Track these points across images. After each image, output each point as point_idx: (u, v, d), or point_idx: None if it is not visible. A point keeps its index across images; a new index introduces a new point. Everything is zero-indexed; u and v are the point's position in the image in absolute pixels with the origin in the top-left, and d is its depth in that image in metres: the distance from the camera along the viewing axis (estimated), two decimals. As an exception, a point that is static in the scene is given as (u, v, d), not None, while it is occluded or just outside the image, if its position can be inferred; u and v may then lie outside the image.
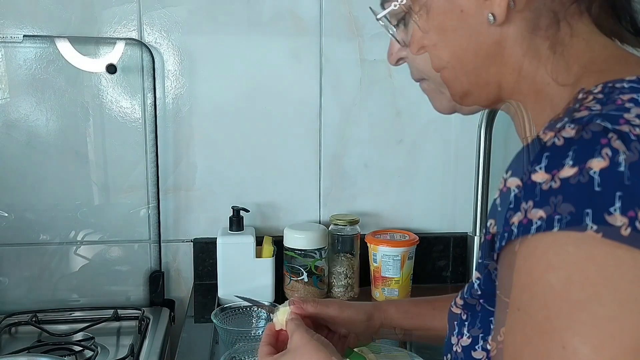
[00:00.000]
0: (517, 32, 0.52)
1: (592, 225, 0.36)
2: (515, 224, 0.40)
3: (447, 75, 0.56)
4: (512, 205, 0.41)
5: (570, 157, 0.39)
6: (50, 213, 1.23)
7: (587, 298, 0.36)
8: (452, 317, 0.57)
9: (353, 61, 1.27)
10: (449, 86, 0.57)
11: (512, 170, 0.43)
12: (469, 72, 0.55)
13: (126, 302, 1.28)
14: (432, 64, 0.56)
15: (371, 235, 1.26)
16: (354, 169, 1.32)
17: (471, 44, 0.53)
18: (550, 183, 0.39)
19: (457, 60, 0.54)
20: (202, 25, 1.22)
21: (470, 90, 0.56)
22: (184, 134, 1.25)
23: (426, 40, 0.55)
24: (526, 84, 0.53)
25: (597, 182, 0.37)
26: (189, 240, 1.29)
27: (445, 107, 0.61)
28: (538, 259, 0.39)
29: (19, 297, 1.24)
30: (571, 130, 0.40)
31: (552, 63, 0.51)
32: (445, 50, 0.54)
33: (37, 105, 1.20)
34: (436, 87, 0.59)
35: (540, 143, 0.41)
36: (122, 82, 1.22)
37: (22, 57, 1.18)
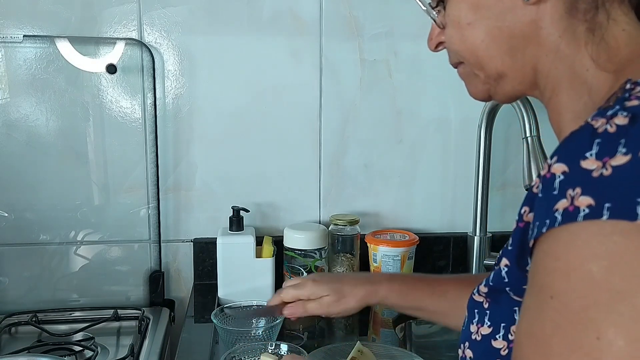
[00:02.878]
0: (553, 12, 0.51)
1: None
2: (559, 210, 0.39)
3: (481, 55, 0.55)
4: (556, 192, 0.40)
5: (623, 145, 0.38)
6: (50, 213, 1.23)
7: (628, 289, 0.35)
8: (474, 304, 0.56)
9: (353, 61, 1.27)
10: (484, 67, 0.56)
11: (558, 156, 0.41)
12: (504, 53, 0.54)
13: (126, 302, 1.28)
14: (466, 43, 0.56)
15: (371, 235, 1.26)
16: (354, 169, 1.32)
17: (506, 23, 0.52)
18: (602, 170, 0.38)
19: (492, 40, 0.54)
20: (202, 25, 1.22)
21: (505, 72, 0.55)
22: (184, 134, 1.25)
23: (462, 18, 0.55)
24: (563, 67, 0.52)
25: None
26: (189, 240, 1.29)
27: (481, 91, 0.60)
28: (580, 247, 0.38)
29: (19, 297, 1.24)
30: (624, 118, 0.39)
31: (591, 47, 0.50)
32: (480, 29, 0.54)
33: (37, 105, 1.20)
34: (471, 69, 0.58)
35: (590, 129, 0.40)
36: (122, 82, 1.22)
37: (22, 57, 1.18)
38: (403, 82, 1.29)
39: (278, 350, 0.91)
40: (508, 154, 1.34)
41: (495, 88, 0.58)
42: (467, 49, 0.56)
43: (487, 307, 0.54)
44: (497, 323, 0.53)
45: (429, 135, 1.32)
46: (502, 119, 1.25)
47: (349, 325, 1.16)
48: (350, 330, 1.15)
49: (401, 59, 1.28)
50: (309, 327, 1.13)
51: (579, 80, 0.52)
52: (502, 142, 1.32)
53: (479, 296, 0.56)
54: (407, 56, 1.28)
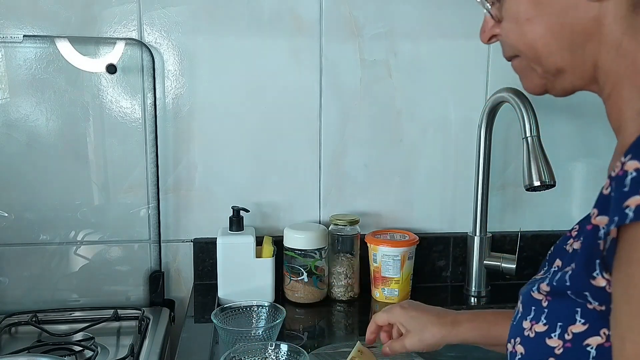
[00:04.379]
0: (616, 9, 0.51)
1: None
2: (631, 207, 0.39)
3: (541, 50, 0.55)
4: (626, 189, 0.39)
5: None
6: (50, 213, 1.23)
7: None
8: (530, 300, 0.56)
9: (353, 61, 1.27)
10: (542, 62, 0.56)
11: (631, 154, 0.41)
12: (564, 49, 0.53)
13: (126, 302, 1.28)
14: (525, 38, 0.55)
15: (371, 235, 1.26)
16: (354, 169, 1.32)
17: (568, 19, 0.52)
18: None
19: (552, 35, 0.53)
20: (202, 25, 1.22)
21: (565, 68, 0.55)
22: (184, 134, 1.25)
23: (521, 13, 0.54)
24: (624, 64, 0.52)
25: None
26: (189, 240, 1.29)
27: (537, 86, 0.59)
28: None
29: (19, 297, 1.24)
30: None
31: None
32: (540, 25, 0.54)
33: (37, 105, 1.20)
34: (528, 63, 0.58)
35: None
36: (122, 82, 1.22)
37: (22, 57, 1.18)
38: (403, 82, 1.29)
39: (278, 350, 0.91)
40: (508, 154, 1.34)
41: (552, 83, 0.58)
42: (526, 44, 0.56)
43: (545, 306, 0.54)
44: (554, 322, 0.52)
45: (429, 135, 1.32)
46: (502, 119, 1.25)
47: (349, 325, 1.17)
48: (350, 330, 1.15)
49: (401, 59, 1.28)
50: (309, 327, 1.13)
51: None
52: (502, 142, 1.32)
53: (539, 294, 0.55)
54: (407, 56, 1.28)
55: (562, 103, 0.53)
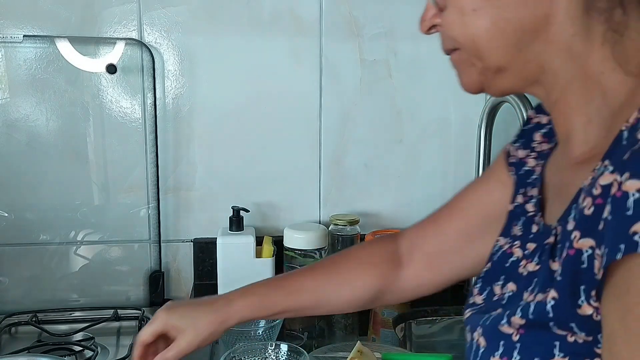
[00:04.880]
0: (569, 8, 0.47)
1: None
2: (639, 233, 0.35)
3: (483, 45, 0.51)
4: (630, 212, 0.36)
5: None
6: (50, 213, 1.23)
7: None
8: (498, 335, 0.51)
9: (353, 61, 1.27)
10: (484, 57, 0.52)
11: (630, 172, 0.37)
12: (509, 46, 0.50)
13: (126, 302, 1.28)
14: (468, 30, 0.51)
15: (371, 235, 1.26)
16: (354, 169, 1.32)
17: (516, 14, 0.49)
18: None
19: (498, 30, 0.50)
20: (202, 25, 1.22)
21: (506, 66, 0.52)
22: (184, 134, 1.25)
23: (467, 4, 0.51)
24: (574, 67, 0.49)
25: None
26: (189, 240, 1.29)
27: (474, 82, 0.55)
28: None
29: (19, 297, 1.24)
30: None
31: (608, 50, 0.47)
32: (486, 17, 0.50)
33: (37, 105, 1.20)
34: (468, 58, 0.54)
35: None
36: (122, 82, 1.22)
37: (22, 57, 1.18)
38: (403, 82, 1.29)
39: (278, 350, 0.91)
40: (508, 154, 1.34)
41: (491, 81, 0.54)
42: (468, 36, 0.52)
43: (517, 340, 0.49)
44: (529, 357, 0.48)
45: (429, 135, 1.32)
46: (502, 119, 1.25)
47: (349, 325, 1.17)
48: (350, 330, 1.15)
49: (401, 59, 1.28)
50: (308, 327, 1.13)
51: (591, 83, 0.48)
52: (502, 142, 1.32)
53: (509, 327, 0.50)
54: (407, 56, 1.28)
55: None
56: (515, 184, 0.65)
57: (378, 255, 0.79)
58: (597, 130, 0.49)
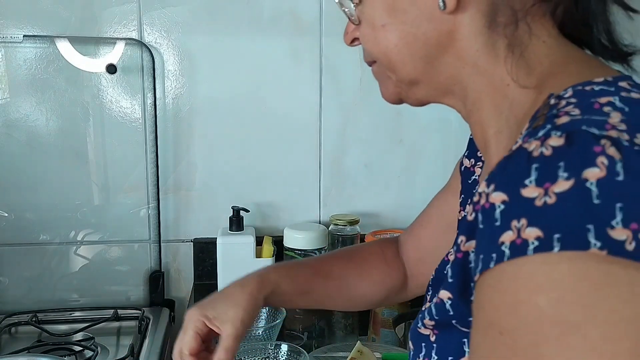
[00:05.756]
0: (472, 24, 0.48)
1: (595, 242, 0.33)
2: (506, 243, 0.36)
3: (394, 59, 0.52)
4: (498, 223, 0.37)
5: (563, 169, 0.35)
6: (50, 213, 1.23)
7: (580, 320, 0.33)
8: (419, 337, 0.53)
9: (353, 61, 1.27)
10: (396, 70, 0.53)
11: (495, 184, 0.38)
12: (418, 59, 0.51)
13: (126, 302, 1.28)
14: (379, 45, 0.52)
15: (371, 235, 1.26)
16: (354, 169, 1.32)
17: (421, 30, 0.50)
18: (545, 198, 0.35)
19: (406, 45, 0.51)
20: (202, 25, 1.22)
21: (419, 78, 0.53)
22: (184, 134, 1.25)
23: (376, 19, 0.52)
24: (482, 81, 0.50)
25: (596, 194, 0.34)
26: (189, 240, 1.29)
27: (392, 93, 0.57)
28: (526, 280, 0.35)
29: (19, 297, 1.24)
30: (558, 139, 0.36)
31: (511, 63, 0.48)
32: (394, 33, 0.51)
33: (37, 105, 1.20)
34: (384, 70, 0.55)
35: (525, 154, 0.37)
36: (122, 82, 1.22)
37: (22, 57, 1.18)
38: (403, 82, 1.29)
39: (278, 350, 0.91)
40: (508, 154, 1.34)
41: (407, 92, 0.56)
42: (380, 51, 0.53)
43: (434, 340, 0.52)
44: (444, 356, 0.50)
45: (429, 135, 1.32)
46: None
47: (349, 325, 1.16)
48: (350, 330, 1.15)
49: (401, 59, 1.28)
50: (309, 327, 1.13)
51: (499, 95, 0.50)
52: (502, 142, 1.32)
53: (425, 329, 0.52)
54: (407, 56, 1.28)
55: None
56: (462, 192, 0.68)
57: (387, 254, 0.81)
58: (507, 141, 0.50)
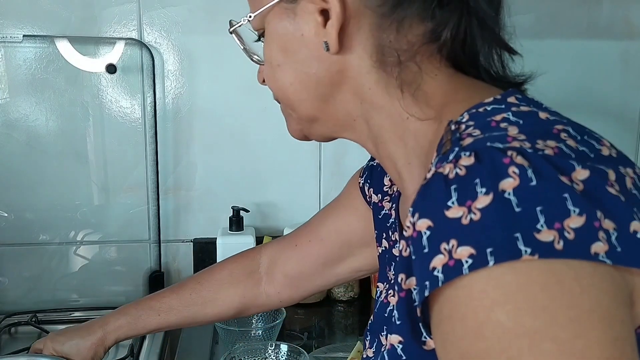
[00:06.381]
0: (360, 64, 0.50)
1: (525, 249, 0.34)
2: (438, 268, 0.36)
3: (291, 98, 0.54)
4: (426, 250, 0.37)
5: (480, 185, 0.36)
6: (50, 213, 1.23)
7: (543, 325, 0.34)
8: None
9: (353, 61, 1.27)
10: (295, 109, 0.55)
11: (418, 212, 0.39)
12: (314, 98, 0.53)
13: (126, 302, 1.26)
14: (277, 84, 0.54)
15: (371, 235, 1.26)
16: (354, 169, 1.31)
17: (313, 70, 0.51)
18: (470, 216, 0.36)
19: (300, 84, 0.52)
20: (202, 25, 1.22)
21: (317, 116, 0.54)
22: (183, 134, 1.25)
23: (273, 59, 0.54)
24: (381, 117, 0.51)
25: (516, 203, 0.35)
26: (189, 240, 1.29)
27: (296, 130, 0.59)
28: (480, 299, 0.35)
29: (19, 298, 1.24)
30: (468, 158, 0.38)
31: (404, 99, 0.49)
32: (289, 72, 0.53)
33: (36, 105, 1.20)
34: (285, 108, 0.57)
35: (442, 177, 0.38)
36: (122, 82, 1.22)
37: (22, 57, 1.18)
38: (403, 82, 1.29)
39: (278, 350, 0.91)
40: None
41: (309, 129, 0.57)
42: (278, 90, 0.55)
43: None
44: None
45: (429, 135, 1.32)
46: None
47: (349, 326, 1.16)
48: (350, 331, 1.15)
49: (401, 59, 1.28)
50: (309, 327, 1.13)
51: (400, 129, 0.51)
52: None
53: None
54: (407, 56, 1.28)
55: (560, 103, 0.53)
56: (376, 228, 0.69)
57: (238, 274, 0.84)
58: (418, 170, 0.51)
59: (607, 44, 1.33)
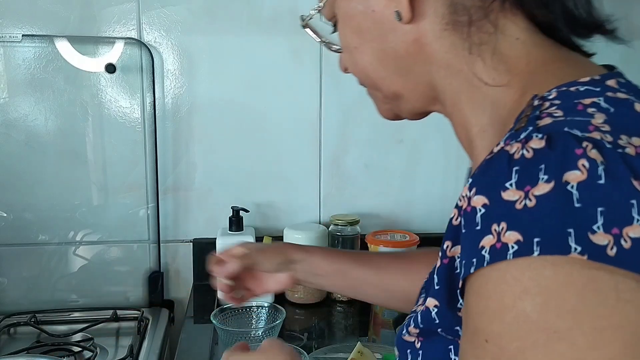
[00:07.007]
0: (434, 29, 0.49)
1: (575, 246, 0.33)
2: (486, 248, 0.36)
3: (373, 77, 0.54)
4: (479, 227, 0.37)
5: (544, 171, 0.35)
6: (49, 213, 1.23)
7: (565, 327, 0.33)
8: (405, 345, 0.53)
9: (353, 61, 1.27)
10: (379, 87, 0.55)
11: (476, 187, 0.38)
12: (393, 73, 0.53)
13: (125, 302, 1.27)
14: (357, 66, 0.55)
15: (371, 235, 1.25)
16: (354, 169, 1.31)
17: (389, 44, 0.51)
18: (525, 201, 0.35)
19: (379, 61, 0.53)
20: (201, 25, 1.22)
21: (400, 92, 0.54)
22: (183, 134, 1.25)
23: (349, 43, 0.54)
24: (458, 82, 0.50)
25: (577, 198, 0.33)
26: (188, 240, 1.29)
27: (385, 111, 0.59)
28: (511, 285, 0.35)
29: (18, 298, 1.24)
30: (540, 141, 0.36)
31: (482, 61, 0.48)
32: (366, 52, 0.53)
33: (36, 105, 1.19)
34: (370, 90, 0.58)
35: (506, 156, 0.37)
36: (121, 82, 1.21)
37: (21, 57, 1.17)
38: (403, 82, 1.29)
39: None
40: (509, 154, 1.34)
41: (397, 107, 0.57)
42: (360, 72, 0.56)
43: (419, 347, 0.51)
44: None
45: (429, 135, 1.32)
46: (502, 119, 1.25)
47: (349, 326, 1.16)
48: (350, 331, 1.14)
49: (401, 59, 1.28)
50: (308, 328, 1.13)
51: (479, 95, 0.49)
52: (503, 142, 1.32)
53: (410, 336, 0.52)
54: (407, 56, 1.28)
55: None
56: None
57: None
58: (492, 139, 0.50)
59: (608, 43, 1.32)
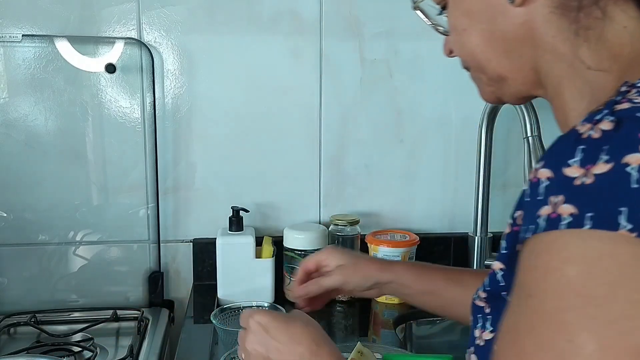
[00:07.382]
0: (544, 12, 0.50)
1: (626, 224, 0.35)
2: (542, 216, 0.39)
3: (479, 59, 0.56)
4: (540, 197, 0.40)
5: (606, 152, 0.37)
6: (49, 213, 1.23)
7: (603, 295, 0.36)
8: (476, 309, 0.56)
9: (353, 61, 1.27)
10: (484, 70, 0.57)
11: (545, 161, 0.41)
12: (501, 56, 0.54)
13: (125, 302, 1.27)
14: (465, 49, 0.57)
15: (371, 235, 1.25)
16: (354, 169, 1.31)
17: (498, 26, 0.52)
18: (584, 179, 0.37)
19: (487, 44, 0.54)
20: (201, 25, 1.21)
21: (505, 74, 0.55)
22: (183, 134, 1.25)
23: (458, 25, 0.56)
24: (562, 67, 0.51)
25: (635, 179, 0.36)
26: (188, 240, 1.29)
27: (487, 94, 0.61)
28: (559, 250, 0.38)
29: (18, 298, 1.24)
30: (609, 123, 0.38)
31: (588, 46, 0.49)
32: (474, 34, 0.55)
33: (35, 105, 1.19)
34: (475, 73, 0.59)
35: (576, 135, 0.40)
36: (121, 82, 1.21)
37: (21, 57, 1.17)
38: (403, 82, 1.29)
39: None
40: (509, 153, 1.34)
41: (500, 90, 0.58)
42: (467, 54, 0.57)
43: (488, 312, 0.54)
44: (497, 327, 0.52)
45: (429, 135, 1.32)
46: (503, 119, 1.24)
47: (349, 326, 1.16)
48: (351, 331, 1.14)
49: (402, 59, 1.28)
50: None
51: (580, 80, 0.50)
52: (503, 141, 1.32)
53: (480, 301, 0.55)
54: (407, 56, 1.28)
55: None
56: None
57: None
58: None
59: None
